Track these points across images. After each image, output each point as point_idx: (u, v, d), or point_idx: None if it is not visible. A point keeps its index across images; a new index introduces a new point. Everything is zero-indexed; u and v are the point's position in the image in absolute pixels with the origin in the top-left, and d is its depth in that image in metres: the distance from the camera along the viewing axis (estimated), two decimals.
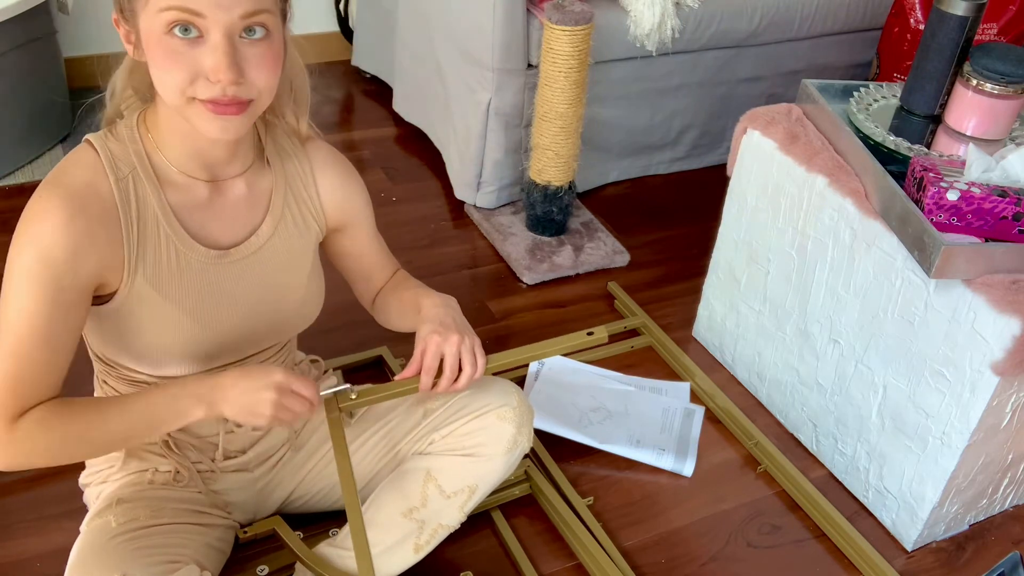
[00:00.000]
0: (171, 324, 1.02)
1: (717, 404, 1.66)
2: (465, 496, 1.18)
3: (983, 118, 1.42)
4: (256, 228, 1.07)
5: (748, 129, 1.59)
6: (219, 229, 1.05)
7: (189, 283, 1.02)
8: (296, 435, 1.24)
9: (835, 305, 1.48)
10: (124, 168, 0.98)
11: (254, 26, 0.90)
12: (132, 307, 1.00)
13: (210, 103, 0.90)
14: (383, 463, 1.23)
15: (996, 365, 1.22)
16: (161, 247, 1.00)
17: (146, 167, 0.99)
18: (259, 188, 1.07)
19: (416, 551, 1.19)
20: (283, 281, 1.11)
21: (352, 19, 2.69)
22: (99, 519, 1.07)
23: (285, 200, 1.09)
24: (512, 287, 1.94)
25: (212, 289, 1.04)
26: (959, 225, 1.26)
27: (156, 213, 0.99)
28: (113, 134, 0.99)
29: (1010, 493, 1.50)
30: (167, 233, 1.00)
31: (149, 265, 0.99)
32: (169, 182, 1.00)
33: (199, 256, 1.02)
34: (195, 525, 1.12)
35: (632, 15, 2.01)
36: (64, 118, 2.22)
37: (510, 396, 1.19)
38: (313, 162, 1.12)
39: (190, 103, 0.91)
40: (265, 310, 1.10)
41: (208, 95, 0.90)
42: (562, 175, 1.96)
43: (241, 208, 1.06)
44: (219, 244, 1.05)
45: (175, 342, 1.03)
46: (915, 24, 2.17)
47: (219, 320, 1.06)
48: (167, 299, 1.01)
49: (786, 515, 1.49)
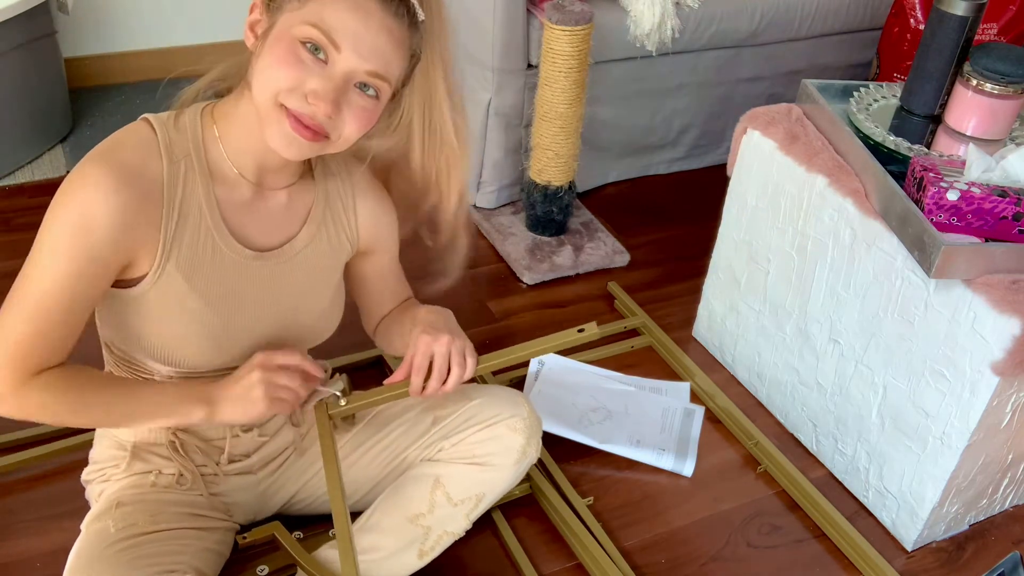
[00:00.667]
0: (191, 315, 1.03)
1: (717, 404, 1.66)
2: (472, 504, 1.19)
3: (983, 118, 1.42)
4: (292, 237, 1.09)
5: (748, 129, 1.59)
6: (256, 231, 1.06)
7: (220, 277, 1.03)
8: (301, 438, 1.24)
9: (835, 305, 1.48)
10: (179, 153, 0.99)
11: (371, 84, 0.95)
12: (159, 292, 1.00)
13: (294, 117, 0.93)
14: (389, 468, 1.24)
15: (996, 365, 1.22)
16: (200, 238, 1.01)
17: (201, 158, 1.00)
18: (300, 201, 1.09)
19: (420, 557, 1.19)
20: (307, 293, 1.12)
21: None
22: (98, 523, 1.07)
23: (323, 216, 1.11)
24: (512, 287, 1.94)
25: (239, 287, 1.05)
26: (959, 225, 1.26)
27: (201, 204, 1.00)
28: (177, 119, 1.01)
29: (1010, 493, 1.50)
30: (208, 225, 1.01)
31: (184, 253, 1.00)
32: (220, 177, 1.02)
33: (234, 253, 1.03)
34: (194, 530, 1.12)
35: (632, 15, 2.01)
36: (64, 118, 2.22)
37: (520, 407, 1.21)
38: (356, 185, 1.14)
39: (277, 108, 0.93)
40: (284, 318, 1.11)
41: (297, 108, 0.93)
42: (562, 175, 1.96)
43: (280, 216, 1.07)
44: (255, 246, 1.06)
45: (191, 333, 1.04)
46: (915, 24, 2.17)
47: (238, 319, 1.06)
48: (194, 289, 1.01)
49: (786, 515, 1.49)
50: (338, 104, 0.93)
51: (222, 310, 1.04)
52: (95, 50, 2.39)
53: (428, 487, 1.18)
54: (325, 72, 0.92)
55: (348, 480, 1.24)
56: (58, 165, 2.12)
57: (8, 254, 1.82)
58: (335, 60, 0.92)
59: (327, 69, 0.92)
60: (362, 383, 1.64)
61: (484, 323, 1.81)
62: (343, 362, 1.63)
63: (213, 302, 1.03)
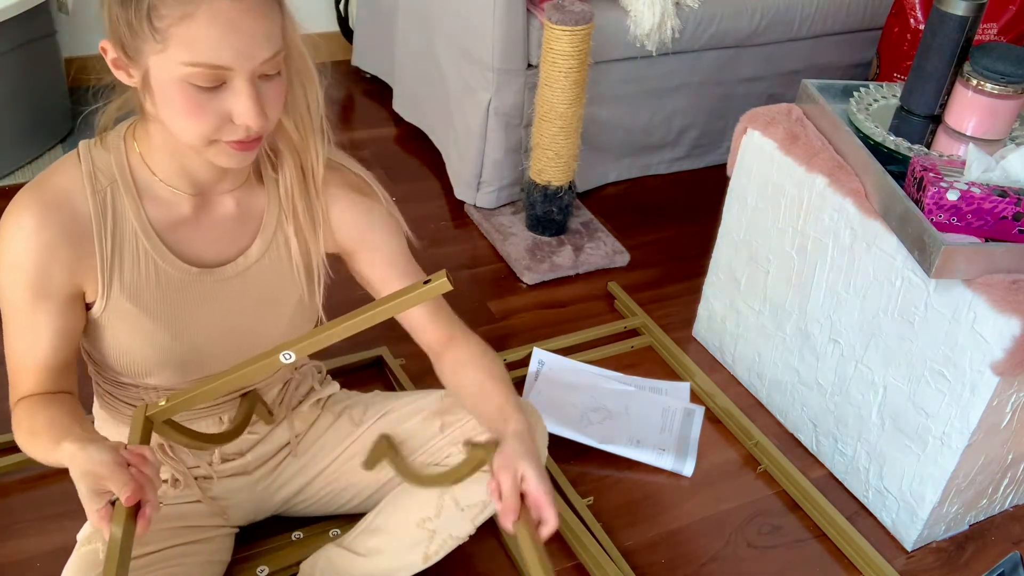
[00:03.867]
0: (148, 337, 1.02)
1: (717, 404, 1.66)
2: (479, 509, 1.18)
3: (983, 118, 1.42)
4: (245, 248, 1.05)
5: (748, 129, 1.59)
6: (204, 246, 1.03)
7: (168, 298, 1.01)
8: (298, 440, 1.24)
9: (835, 305, 1.48)
10: (104, 180, 0.96)
11: (271, 67, 0.88)
12: (110, 318, 1.00)
13: (236, 143, 0.90)
14: None
15: (996, 365, 1.22)
16: (139, 261, 0.99)
17: (127, 180, 0.97)
18: (250, 207, 1.05)
19: (425, 560, 1.19)
20: (269, 304, 1.08)
21: (352, 19, 2.69)
22: (88, 545, 1.06)
23: (278, 221, 1.06)
24: (512, 287, 1.94)
25: (193, 306, 1.03)
26: (959, 225, 1.26)
27: (134, 227, 0.98)
28: (102, 143, 0.98)
29: (1010, 493, 1.50)
30: (145, 247, 0.99)
31: (126, 278, 0.99)
32: (151, 196, 0.99)
33: (179, 272, 1.01)
34: (188, 545, 1.11)
35: (632, 15, 2.01)
36: (64, 118, 2.22)
37: (529, 415, 1.19)
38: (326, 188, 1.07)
39: (212, 144, 0.90)
40: (248, 332, 1.08)
41: (234, 137, 0.89)
42: (562, 175, 1.96)
43: (229, 226, 1.04)
44: (203, 261, 1.03)
45: (152, 355, 1.03)
46: (915, 24, 2.17)
47: (200, 337, 1.05)
48: (144, 312, 1.00)
49: (786, 515, 1.49)
50: (263, 109, 0.88)
51: (176, 330, 1.03)
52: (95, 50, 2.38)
53: (436, 491, 1.18)
54: (229, 92, 0.86)
55: (354, 481, 1.24)
56: None
57: None
58: (232, 76, 0.86)
59: (228, 88, 0.86)
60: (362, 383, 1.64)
61: (484, 323, 1.81)
62: (343, 362, 1.63)
63: (166, 323, 1.02)
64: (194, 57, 0.83)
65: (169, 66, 0.84)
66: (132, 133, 0.99)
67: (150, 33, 0.83)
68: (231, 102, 0.87)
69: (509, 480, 0.96)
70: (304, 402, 1.25)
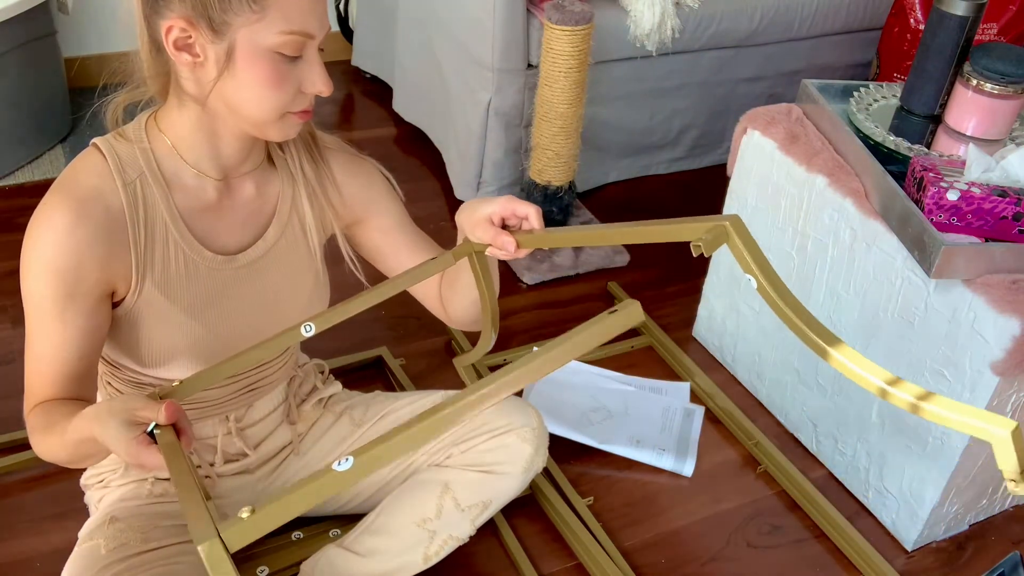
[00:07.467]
0: (178, 328, 1.02)
1: (717, 404, 1.66)
2: (479, 510, 1.19)
3: (983, 118, 1.42)
4: (263, 231, 1.07)
5: (748, 129, 1.59)
6: (227, 233, 1.04)
7: (197, 288, 1.02)
8: (300, 439, 1.24)
9: (835, 305, 1.48)
10: (132, 172, 0.97)
11: None
12: (141, 311, 1.00)
13: (302, 113, 0.94)
14: (397, 471, 1.24)
15: (996, 365, 1.22)
16: (170, 252, 0.99)
17: (154, 170, 0.98)
18: (267, 191, 1.07)
19: (425, 561, 1.19)
20: (288, 285, 1.10)
21: (352, 19, 2.69)
22: (90, 540, 1.06)
23: (293, 201, 1.09)
24: (512, 287, 1.94)
25: (219, 294, 1.04)
26: (959, 225, 1.26)
27: (164, 217, 0.98)
28: (121, 137, 0.98)
29: (1010, 493, 1.50)
30: (175, 238, 0.99)
31: (158, 270, 0.99)
32: (178, 185, 0.99)
33: (207, 261, 1.02)
34: (189, 543, 1.11)
35: (632, 15, 2.01)
36: (64, 118, 2.22)
37: (531, 417, 1.22)
38: (331, 159, 1.11)
39: (283, 117, 0.93)
40: (270, 315, 1.10)
41: (301, 107, 0.94)
42: (562, 175, 1.96)
43: (249, 211, 1.05)
44: (226, 249, 1.04)
45: (181, 345, 1.03)
46: (915, 24, 2.17)
47: (225, 324, 1.06)
48: (175, 303, 1.01)
49: (786, 515, 1.49)
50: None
51: (206, 319, 1.03)
52: (95, 50, 2.39)
53: (437, 492, 1.19)
54: (303, 63, 0.91)
55: None
56: (58, 165, 2.12)
57: (8, 254, 1.82)
58: (310, 46, 0.91)
59: (303, 59, 0.91)
60: (362, 383, 1.64)
61: None
62: (344, 362, 1.63)
63: (196, 313, 1.02)
64: (290, 25, 0.87)
65: (263, 35, 0.87)
66: (154, 123, 0.99)
67: (247, 3, 0.86)
68: (305, 71, 0.91)
69: (486, 229, 1.00)
70: (307, 401, 1.26)
